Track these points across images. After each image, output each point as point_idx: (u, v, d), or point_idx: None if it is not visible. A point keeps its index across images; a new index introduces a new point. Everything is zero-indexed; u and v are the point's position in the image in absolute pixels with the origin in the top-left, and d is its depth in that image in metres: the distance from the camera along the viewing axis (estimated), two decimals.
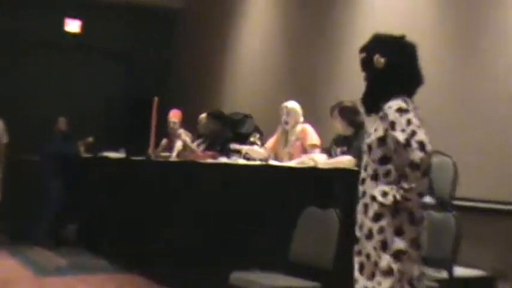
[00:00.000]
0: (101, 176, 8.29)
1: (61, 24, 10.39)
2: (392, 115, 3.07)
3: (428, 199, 4.69)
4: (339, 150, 5.28)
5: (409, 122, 3.04)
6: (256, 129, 6.73)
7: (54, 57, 10.30)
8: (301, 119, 6.09)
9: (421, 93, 3.26)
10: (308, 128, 6.03)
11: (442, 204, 4.64)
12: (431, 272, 4.23)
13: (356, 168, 4.07)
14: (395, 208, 3.06)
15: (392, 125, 3.06)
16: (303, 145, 5.93)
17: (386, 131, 3.09)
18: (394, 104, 3.10)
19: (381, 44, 3.25)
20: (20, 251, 8.11)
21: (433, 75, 5.59)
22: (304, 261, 4.28)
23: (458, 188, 4.94)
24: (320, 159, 5.11)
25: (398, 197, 3.03)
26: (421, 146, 2.99)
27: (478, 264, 5.07)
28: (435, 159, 5.02)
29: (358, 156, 4.51)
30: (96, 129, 9.90)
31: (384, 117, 3.10)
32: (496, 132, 5.42)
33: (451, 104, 5.85)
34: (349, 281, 3.20)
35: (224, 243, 5.34)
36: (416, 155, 2.98)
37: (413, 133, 3.01)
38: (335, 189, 4.32)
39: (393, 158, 3.08)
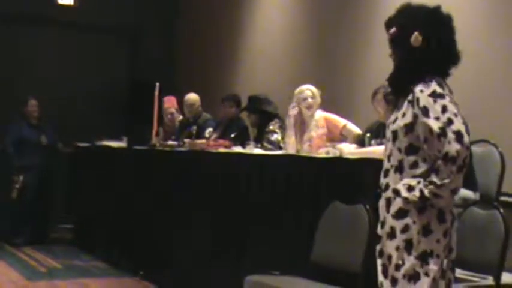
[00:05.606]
0: (100, 168, 8.34)
1: None
2: (424, 100, 3.05)
3: (470, 194, 4.73)
4: (373, 141, 5.17)
5: (444, 109, 3.02)
6: (277, 115, 6.72)
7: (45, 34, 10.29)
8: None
9: (467, 77, 3.20)
10: (330, 115, 6.03)
11: (487, 201, 4.64)
12: (475, 278, 4.25)
13: None
14: (423, 204, 3.06)
15: (425, 112, 3.04)
16: (333, 133, 5.90)
17: (415, 117, 3.07)
18: (427, 87, 3.07)
19: (416, 17, 3.17)
20: (6, 252, 8.21)
21: (483, 59, 5.61)
22: (328, 263, 4.31)
23: (506, 181, 4.94)
24: (348, 149, 5.11)
25: (426, 192, 3.02)
26: (459, 136, 2.97)
27: None
28: (479, 149, 5.05)
29: None
30: (92, 115, 9.98)
31: (414, 102, 3.08)
32: None
33: (500, 90, 5.82)
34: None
35: (239, 243, 5.38)
36: (453, 147, 2.95)
37: (449, 121, 2.99)
38: (364, 181, 4.33)
39: (422, 148, 3.07)
